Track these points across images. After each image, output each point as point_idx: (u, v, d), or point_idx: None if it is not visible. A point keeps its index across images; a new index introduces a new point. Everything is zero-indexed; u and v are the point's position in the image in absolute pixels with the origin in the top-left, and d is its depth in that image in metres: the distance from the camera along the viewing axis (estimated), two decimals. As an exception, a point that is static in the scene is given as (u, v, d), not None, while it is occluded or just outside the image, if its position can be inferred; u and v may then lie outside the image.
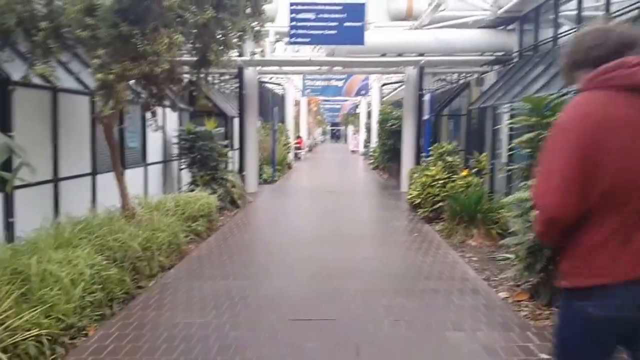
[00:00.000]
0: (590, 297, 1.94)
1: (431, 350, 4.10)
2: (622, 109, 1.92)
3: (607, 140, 1.89)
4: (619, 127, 1.90)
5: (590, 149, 1.89)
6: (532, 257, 5.16)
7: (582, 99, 2.01)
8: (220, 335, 4.32)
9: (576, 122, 1.94)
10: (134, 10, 5.61)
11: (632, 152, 1.89)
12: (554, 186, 1.93)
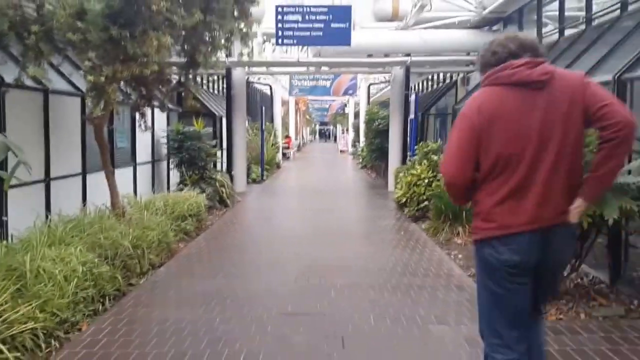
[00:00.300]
0: (495, 245, 2.55)
1: (415, 342, 4.26)
2: (507, 100, 2.53)
3: (496, 123, 2.50)
4: (505, 112, 2.51)
5: (481, 130, 2.51)
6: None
7: (479, 92, 2.64)
8: (209, 329, 4.46)
9: (472, 110, 2.56)
10: (124, 14, 5.73)
11: (516, 131, 2.50)
12: (451, 158, 2.62)
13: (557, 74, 2.55)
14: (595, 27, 7.78)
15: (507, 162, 2.50)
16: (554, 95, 2.50)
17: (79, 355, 3.98)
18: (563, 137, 2.48)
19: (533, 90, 2.51)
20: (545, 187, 2.50)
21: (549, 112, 2.49)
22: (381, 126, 16.57)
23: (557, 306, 4.94)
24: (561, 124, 2.49)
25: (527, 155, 2.49)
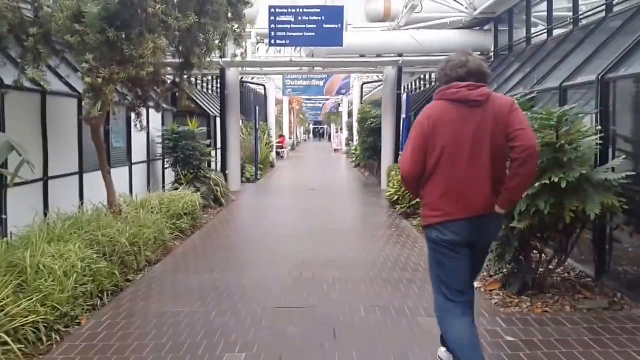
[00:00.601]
0: (437, 227, 3.26)
1: (403, 333, 4.42)
2: (450, 112, 3.21)
3: (439, 131, 3.19)
4: (447, 121, 3.19)
5: (429, 136, 3.20)
6: (502, 248, 5.48)
7: (430, 105, 3.33)
8: (206, 322, 4.61)
9: (424, 118, 3.25)
10: (120, 17, 5.88)
11: (454, 136, 3.17)
12: (407, 158, 3.31)
13: (492, 96, 3.25)
14: (582, 27, 7.94)
15: (447, 161, 3.18)
16: (487, 113, 3.18)
17: (79, 348, 4.12)
18: (490, 147, 3.16)
19: (471, 107, 3.20)
20: (477, 181, 3.18)
21: (480, 126, 3.17)
22: (374, 125, 16.71)
23: (543, 299, 5.11)
24: (489, 137, 3.16)
25: (462, 158, 3.17)
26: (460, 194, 3.18)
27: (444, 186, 3.20)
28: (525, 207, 4.82)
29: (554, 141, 4.76)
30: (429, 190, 3.27)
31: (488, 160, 3.16)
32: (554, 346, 4.05)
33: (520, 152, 3.07)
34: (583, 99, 6.15)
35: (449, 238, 3.23)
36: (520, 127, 3.13)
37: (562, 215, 4.74)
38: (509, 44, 11.01)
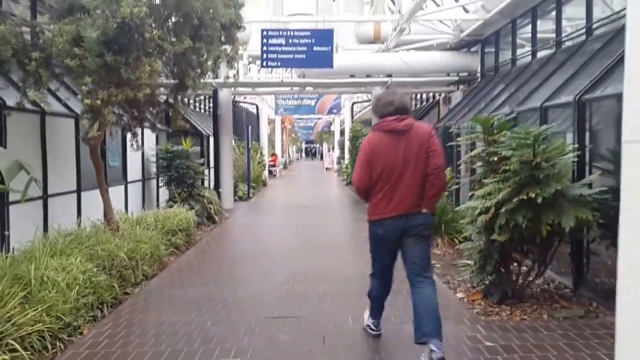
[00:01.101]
0: (377, 224, 4.33)
1: (389, 339, 4.67)
2: (384, 140, 4.25)
3: (377, 154, 4.24)
4: (382, 147, 4.24)
5: (370, 157, 4.26)
6: (483, 259, 5.76)
7: (369, 135, 4.46)
8: (202, 331, 4.84)
9: (366, 144, 4.34)
10: (118, 42, 6.16)
11: (388, 159, 4.21)
12: (357, 172, 4.40)
13: (415, 125, 4.26)
14: (564, 50, 8.28)
15: (384, 177, 4.23)
16: (411, 139, 4.21)
17: (82, 355, 4.34)
18: (415, 165, 4.18)
19: (399, 135, 4.23)
20: (405, 191, 4.21)
21: (407, 149, 4.19)
22: (365, 144, 16.99)
23: (522, 308, 5.37)
24: (414, 157, 4.18)
25: (394, 174, 4.20)
26: (394, 199, 4.23)
27: (382, 193, 4.27)
28: (505, 221, 5.10)
29: (530, 159, 5.06)
30: (373, 197, 4.33)
31: (414, 174, 4.20)
32: (529, 350, 4.31)
33: (433, 169, 4.18)
34: (562, 119, 6.47)
35: (382, 232, 4.34)
36: (434, 149, 4.20)
37: (539, 228, 5.02)
38: (495, 65, 11.38)
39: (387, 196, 4.22)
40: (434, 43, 12.61)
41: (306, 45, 10.87)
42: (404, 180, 4.20)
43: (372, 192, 4.32)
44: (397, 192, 4.20)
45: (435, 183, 4.19)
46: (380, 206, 4.27)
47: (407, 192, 4.20)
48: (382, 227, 4.31)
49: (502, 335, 4.67)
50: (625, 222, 3.07)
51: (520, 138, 5.08)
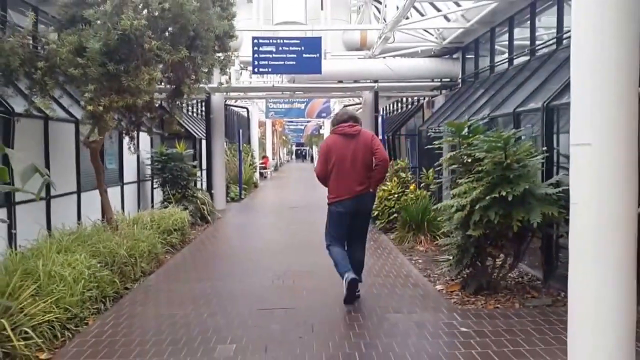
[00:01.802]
0: (335, 204, 5.89)
1: (373, 326, 5.08)
2: (338, 141, 5.90)
3: (332, 150, 5.88)
4: (336, 146, 5.88)
5: (327, 153, 5.91)
6: (460, 254, 6.20)
7: (328, 137, 6.21)
8: (199, 322, 5.23)
9: (325, 143, 6.11)
10: (120, 52, 6.55)
11: (341, 155, 5.82)
12: (318, 165, 6.04)
13: (362, 131, 5.96)
14: (537, 57, 8.74)
15: (337, 167, 5.81)
16: (359, 141, 5.86)
17: (89, 342, 4.72)
18: (362, 160, 5.82)
19: (350, 138, 5.87)
20: (354, 178, 5.79)
21: (356, 148, 5.83)
22: (354, 146, 17.41)
23: (496, 298, 5.81)
24: (361, 154, 5.81)
25: (345, 165, 5.79)
26: (345, 184, 5.80)
27: (336, 181, 5.85)
28: (479, 218, 5.54)
29: (502, 160, 5.51)
30: (330, 183, 5.91)
31: (361, 166, 5.82)
32: (500, 335, 4.75)
33: (379, 161, 5.85)
34: (532, 123, 6.93)
35: (339, 210, 5.88)
36: (377, 148, 5.89)
37: (510, 224, 5.46)
38: (475, 71, 11.84)
39: (340, 181, 5.83)
40: (418, 50, 13.06)
41: (296, 52, 11.27)
42: (354, 170, 5.80)
43: (329, 179, 5.90)
44: (348, 178, 5.80)
45: (380, 171, 5.90)
46: (336, 190, 5.86)
47: (355, 179, 5.80)
48: (340, 206, 5.86)
49: (476, 321, 5.11)
50: (573, 215, 3.53)
51: (492, 141, 5.53)
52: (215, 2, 7.76)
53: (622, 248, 3.35)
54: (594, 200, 3.36)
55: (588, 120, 3.36)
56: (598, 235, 3.38)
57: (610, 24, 3.31)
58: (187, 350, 4.50)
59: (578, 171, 3.46)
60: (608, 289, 3.38)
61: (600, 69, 3.33)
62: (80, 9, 7.10)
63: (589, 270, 3.44)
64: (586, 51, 3.40)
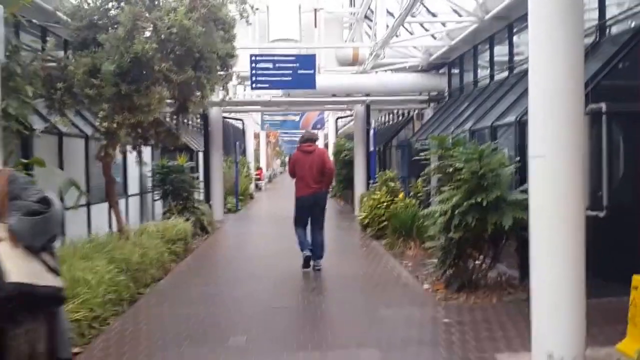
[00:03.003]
0: (300, 199, 8.43)
1: (366, 319, 5.70)
2: (301, 156, 8.48)
3: (297, 162, 8.51)
4: (300, 159, 8.46)
5: (294, 163, 8.60)
6: (444, 255, 6.82)
7: (295, 152, 8.99)
8: (212, 319, 5.84)
9: (293, 158, 8.89)
10: (131, 73, 7.15)
11: (302, 165, 8.37)
12: (288, 168, 9.00)
13: (317, 149, 8.55)
14: (515, 74, 9.41)
15: (299, 173, 8.33)
16: (314, 156, 8.33)
17: (114, 339, 5.29)
18: (317, 168, 8.24)
19: (308, 154, 8.36)
20: (311, 180, 8.21)
21: (312, 161, 8.26)
22: (348, 157, 18.10)
23: (476, 294, 6.42)
24: (316, 165, 8.24)
25: (305, 172, 8.25)
26: (305, 185, 8.23)
27: (299, 182, 8.34)
28: (458, 222, 6.17)
29: (477, 170, 6.15)
30: (295, 184, 8.49)
31: (316, 172, 8.20)
32: (478, 323, 5.38)
33: (327, 169, 8.38)
34: (507, 136, 7.59)
35: (301, 202, 8.34)
36: (327, 161, 8.57)
37: (485, 227, 6.10)
38: (460, 85, 12.52)
39: (301, 182, 8.33)
40: (407, 65, 13.74)
41: (292, 68, 11.90)
42: (311, 175, 8.22)
43: (296, 181, 8.48)
44: (307, 181, 8.23)
45: (329, 176, 8.65)
46: (299, 189, 8.38)
47: (312, 181, 8.23)
48: (302, 199, 8.36)
49: (457, 313, 5.73)
50: (532, 216, 4.18)
51: (469, 153, 6.17)
52: (218, 26, 8.39)
53: (573, 244, 4.00)
54: (548, 204, 4.01)
55: (542, 136, 4.02)
56: (552, 234, 4.04)
57: (560, 56, 3.98)
58: (204, 342, 5.10)
59: (535, 179, 4.10)
60: (562, 278, 4.03)
61: (552, 94, 4.00)
62: (92, 32, 7.76)
63: (546, 262, 4.09)
64: (541, 80, 4.07)
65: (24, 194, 2.57)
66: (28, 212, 2.51)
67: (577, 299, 4.03)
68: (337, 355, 4.72)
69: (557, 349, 4.01)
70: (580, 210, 4.02)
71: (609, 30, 7.12)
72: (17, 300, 2.39)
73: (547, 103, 4.01)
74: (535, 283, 4.20)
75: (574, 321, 4.03)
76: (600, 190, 6.61)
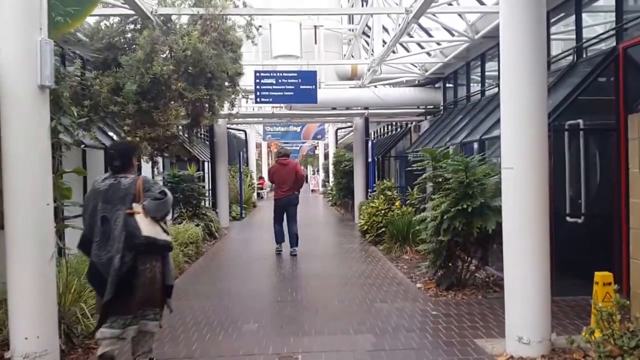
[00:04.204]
0: (277, 200, 11.24)
1: (363, 311, 6.40)
2: (278, 167, 11.08)
3: (276, 173, 11.09)
4: (278, 171, 11.07)
5: (273, 174, 11.20)
6: (435, 257, 7.54)
7: (274, 164, 11.52)
8: (226, 311, 6.53)
9: (272, 169, 11.44)
10: (151, 92, 7.91)
11: (279, 175, 11.00)
12: (270, 178, 11.51)
13: (290, 161, 11.25)
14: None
15: (278, 181, 11.02)
16: (289, 167, 11.00)
17: (140, 326, 5.98)
18: (290, 177, 10.89)
19: (284, 165, 11.00)
20: (286, 186, 10.90)
21: (287, 171, 10.92)
22: (347, 167, 18.84)
23: (464, 292, 7.13)
24: (290, 174, 10.90)
25: (281, 180, 10.93)
26: (281, 190, 10.93)
27: (278, 187, 11.05)
28: (447, 226, 6.89)
29: (464, 180, 6.87)
30: (274, 189, 11.46)
31: (289, 180, 10.83)
32: (463, 316, 6.08)
33: (299, 177, 11.02)
34: (495, 148, 8.32)
35: (279, 204, 11.01)
36: (299, 170, 11.13)
37: (472, 231, 6.81)
38: (454, 99, 13.28)
39: (279, 188, 10.92)
40: (404, 80, 14.51)
41: (294, 84, 12.65)
42: (285, 183, 10.79)
43: (275, 187, 11.19)
44: (283, 187, 10.83)
45: (299, 183, 11.00)
46: (277, 193, 10.97)
47: (287, 187, 10.80)
48: (280, 201, 10.90)
49: (445, 307, 6.44)
50: (505, 220, 4.90)
51: (456, 164, 6.90)
52: (227, 47, 9.16)
53: (539, 244, 4.74)
54: (517, 210, 4.74)
55: (511, 151, 4.75)
56: (521, 234, 4.76)
57: (525, 84, 4.73)
58: (220, 329, 5.81)
59: (506, 188, 4.83)
60: (529, 273, 4.76)
61: (519, 115, 4.73)
62: (111, 52, 8.54)
63: (516, 260, 4.81)
64: (509, 103, 4.82)
65: (152, 188, 4.47)
66: (154, 198, 4.39)
67: (543, 291, 4.76)
68: (337, 340, 5.42)
69: (526, 334, 4.74)
70: (545, 215, 4.74)
71: (585, 52, 7.86)
72: (146, 246, 4.31)
73: (514, 122, 4.75)
74: (508, 278, 4.93)
75: (540, 310, 4.76)
76: (580, 199, 7.35)
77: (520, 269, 4.81)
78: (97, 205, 4.43)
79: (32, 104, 4.39)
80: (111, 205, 4.38)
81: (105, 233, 4.33)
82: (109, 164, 4.88)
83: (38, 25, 4.38)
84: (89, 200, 4.57)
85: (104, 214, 4.37)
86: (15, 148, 4.37)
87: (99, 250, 4.35)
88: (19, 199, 4.37)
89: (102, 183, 4.55)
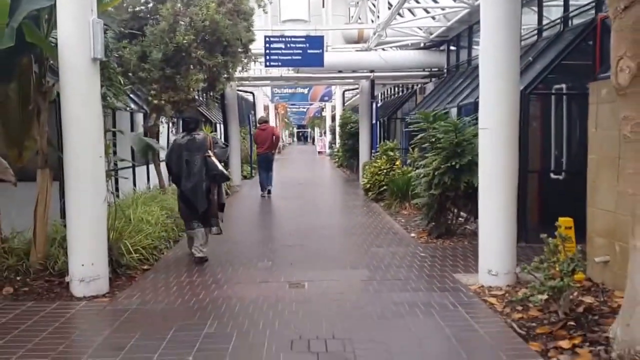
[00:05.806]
0: (259, 156, 14.89)
1: (361, 254, 7.40)
2: (260, 132, 14.98)
3: (258, 136, 14.83)
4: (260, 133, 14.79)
5: (257, 136, 14.91)
6: (427, 209, 8.47)
7: (257, 129, 15.70)
8: (241, 252, 7.53)
9: (255, 133, 15.42)
10: (174, 59, 8.76)
11: (260, 137, 14.65)
12: (255, 139, 15.53)
13: (267, 127, 14.92)
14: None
15: (259, 142, 14.71)
16: (267, 131, 14.58)
17: (171, 260, 7.04)
18: (269, 139, 14.42)
19: (263, 130, 14.63)
20: (265, 146, 14.56)
21: (266, 134, 14.48)
22: (353, 129, 19.59)
23: (451, 239, 8.07)
24: (269, 136, 14.44)
25: (262, 141, 14.55)
26: (262, 148, 14.55)
27: (259, 146, 14.75)
28: (438, 181, 7.80)
29: (453, 140, 7.74)
30: (256, 147, 15.32)
31: (268, 140, 14.41)
32: (447, 256, 7.06)
33: (275, 138, 14.70)
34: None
35: (261, 158, 14.78)
36: (275, 133, 14.92)
37: (459, 185, 7.71)
38: (457, 63, 13.93)
39: (260, 148, 14.54)
40: (409, 43, 15.14)
41: (302, 48, 13.38)
42: (264, 143, 14.28)
43: (257, 146, 14.97)
44: (263, 146, 14.33)
45: (275, 143, 14.73)
46: (260, 149, 14.53)
47: (265, 146, 14.27)
48: (261, 156, 14.46)
49: (432, 251, 7.42)
50: (481, 174, 5.79)
51: (447, 126, 7.77)
52: (240, 17, 9.94)
53: (506, 194, 5.64)
54: (490, 164, 5.63)
55: (487, 112, 5.62)
56: (493, 186, 5.66)
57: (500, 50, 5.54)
58: (239, 265, 6.81)
59: (482, 146, 5.71)
60: (498, 217, 5.67)
61: (494, 80, 5.58)
62: (136, 22, 9.36)
63: (489, 205, 5.72)
64: (486, 68, 5.66)
65: (218, 142, 7.66)
66: (219, 147, 7.41)
67: (509, 232, 5.68)
68: (337, 273, 6.43)
69: (495, 267, 5.68)
70: (514, 168, 5.63)
71: (571, 22, 8.55)
72: (220, 176, 7.13)
73: (490, 87, 5.60)
74: (481, 221, 5.85)
75: (506, 247, 5.69)
76: (562, 158, 8.20)
77: (491, 214, 5.73)
78: (181, 154, 6.91)
79: (86, 73, 5.29)
80: (191, 153, 6.88)
81: (189, 170, 6.84)
82: (185, 126, 7.21)
83: (90, 6, 5.24)
84: (173, 151, 7.08)
85: (187, 158, 6.87)
86: (73, 110, 5.28)
87: (186, 181, 6.90)
88: (78, 153, 5.31)
89: (182, 139, 7.01)
